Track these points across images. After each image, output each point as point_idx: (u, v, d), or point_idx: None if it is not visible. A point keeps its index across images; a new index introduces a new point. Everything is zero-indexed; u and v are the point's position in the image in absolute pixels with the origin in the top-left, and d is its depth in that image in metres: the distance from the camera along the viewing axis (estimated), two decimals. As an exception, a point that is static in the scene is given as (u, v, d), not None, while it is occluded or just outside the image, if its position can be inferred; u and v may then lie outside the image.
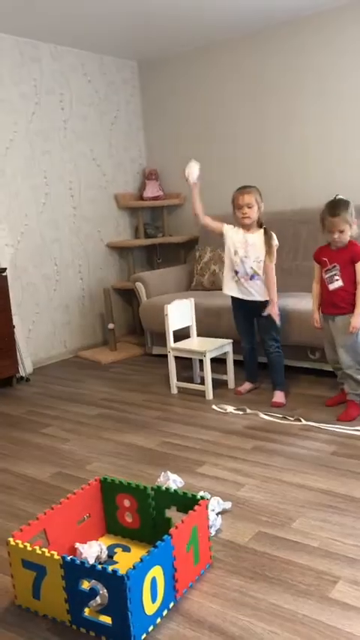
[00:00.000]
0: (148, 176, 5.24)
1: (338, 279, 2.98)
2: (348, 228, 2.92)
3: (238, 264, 3.32)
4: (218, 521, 2.12)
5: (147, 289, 4.53)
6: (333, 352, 3.12)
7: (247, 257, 3.29)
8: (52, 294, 4.72)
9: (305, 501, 2.27)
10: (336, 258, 2.99)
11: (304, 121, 4.44)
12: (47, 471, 2.74)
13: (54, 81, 4.60)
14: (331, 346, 3.12)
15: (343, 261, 2.97)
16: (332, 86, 4.26)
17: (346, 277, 2.97)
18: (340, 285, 2.98)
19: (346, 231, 2.93)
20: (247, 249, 3.29)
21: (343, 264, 2.97)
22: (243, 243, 3.31)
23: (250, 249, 3.29)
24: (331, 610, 1.67)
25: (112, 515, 2.10)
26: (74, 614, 1.67)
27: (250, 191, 3.25)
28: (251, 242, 3.29)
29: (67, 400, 3.76)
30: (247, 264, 3.30)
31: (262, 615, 1.67)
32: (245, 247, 3.30)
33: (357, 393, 3.06)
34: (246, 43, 4.61)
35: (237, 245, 3.32)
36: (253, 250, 3.28)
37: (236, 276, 3.35)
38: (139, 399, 3.67)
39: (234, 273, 3.36)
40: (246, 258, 3.29)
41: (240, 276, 3.34)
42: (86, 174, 4.91)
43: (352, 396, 3.08)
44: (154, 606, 1.65)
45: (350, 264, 2.96)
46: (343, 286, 2.97)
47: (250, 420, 3.16)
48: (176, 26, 4.31)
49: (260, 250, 3.28)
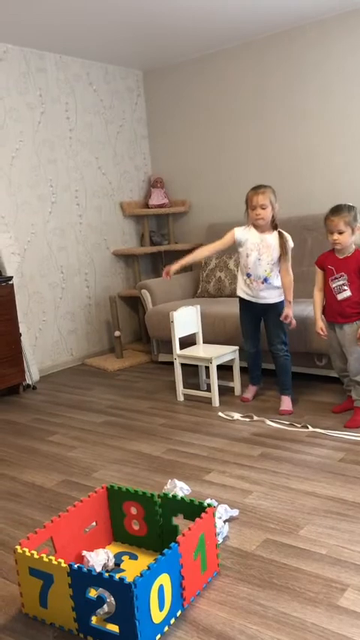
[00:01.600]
0: (153, 184, 5.27)
1: (347, 289, 2.94)
2: (349, 232, 2.87)
3: (251, 266, 3.26)
4: (225, 529, 2.11)
5: (153, 297, 4.53)
6: (340, 360, 3.11)
7: (260, 259, 3.23)
8: (58, 302, 4.73)
9: (313, 508, 2.26)
10: (343, 267, 2.95)
11: (308, 127, 4.45)
12: (54, 479, 2.74)
13: (59, 90, 4.64)
14: (337, 354, 3.10)
15: (350, 270, 2.93)
16: (336, 92, 4.27)
17: (354, 287, 2.94)
18: (348, 294, 2.94)
19: (347, 235, 2.87)
20: (260, 251, 3.22)
21: (351, 274, 2.93)
22: (257, 245, 3.23)
23: (264, 250, 3.22)
24: (339, 618, 1.65)
25: (119, 523, 2.10)
26: (81, 622, 1.66)
27: (265, 191, 3.16)
28: (266, 243, 3.22)
29: (73, 408, 3.76)
30: (260, 266, 3.23)
31: (270, 623, 1.66)
32: (259, 249, 3.22)
33: (364, 400, 3.05)
34: (249, 50, 4.63)
35: (251, 246, 3.24)
36: (267, 252, 3.21)
37: (248, 279, 3.30)
38: (145, 406, 3.67)
39: (246, 276, 3.31)
40: (259, 260, 3.23)
41: (252, 279, 3.28)
42: (92, 183, 4.94)
43: (359, 402, 3.06)
44: (162, 614, 1.64)
45: (356, 273, 2.93)
46: (351, 296, 2.94)
47: (257, 427, 3.15)
48: (180, 35, 4.35)
49: (275, 252, 3.21)
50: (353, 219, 2.87)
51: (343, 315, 2.98)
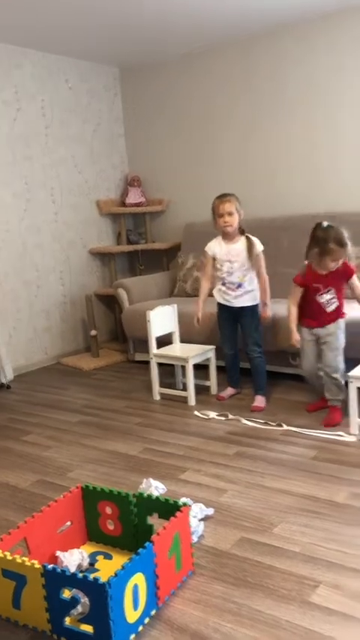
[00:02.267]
0: (130, 182, 5.25)
1: (335, 300, 3.03)
2: (345, 255, 2.94)
3: (225, 275, 3.36)
4: (200, 528, 2.12)
5: (129, 296, 4.52)
6: (314, 361, 3.15)
7: (232, 268, 3.34)
8: (33, 300, 4.69)
9: (287, 506, 2.28)
10: (330, 281, 3.01)
11: (284, 128, 4.48)
12: (28, 479, 2.71)
13: (35, 87, 4.59)
14: (313, 356, 3.14)
15: (337, 282, 3.01)
16: (316, 94, 4.31)
17: (340, 296, 3.04)
18: (337, 305, 3.04)
19: (342, 258, 2.94)
20: (231, 261, 3.33)
21: (337, 286, 3.02)
22: (227, 255, 3.34)
23: (234, 260, 3.33)
24: (312, 614, 1.67)
25: (94, 523, 2.09)
26: (55, 623, 1.65)
27: (230, 199, 3.28)
28: (235, 252, 3.33)
29: (48, 407, 3.73)
30: (234, 274, 3.34)
31: (244, 621, 1.67)
32: (230, 259, 3.33)
33: (339, 399, 3.08)
34: (228, 50, 4.65)
35: (222, 257, 3.36)
36: (237, 260, 3.32)
37: (224, 286, 3.39)
38: (121, 405, 3.66)
39: (222, 284, 3.40)
40: (232, 268, 3.34)
41: (228, 286, 3.37)
42: (68, 181, 4.91)
43: (333, 402, 3.10)
44: (136, 614, 1.64)
45: (343, 283, 3.02)
46: (339, 305, 3.04)
47: (232, 426, 3.17)
48: (158, 34, 4.34)
49: (245, 259, 3.32)
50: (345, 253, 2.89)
51: (332, 319, 3.06)
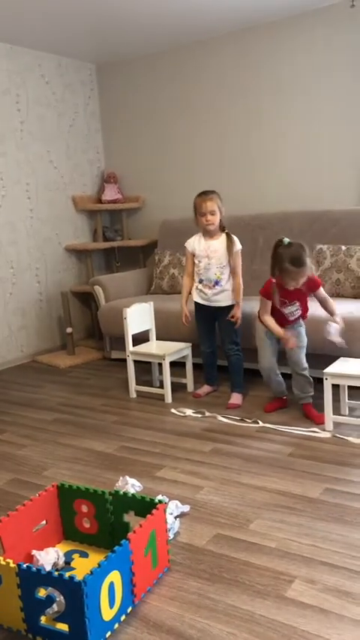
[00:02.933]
0: (107, 179, 5.22)
1: (299, 311, 3.09)
2: (309, 272, 2.93)
3: (202, 272, 3.37)
4: (176, 525, 2.13)
5: (106, 293, 4.50)
6: (273, 359, 3.21)
7: (210, 264, 3.34)
8: (8, 297, 4.64)
9: (263, 503, 2.30)
10: (296, 295, 3.04)
11: (262, 126, 4.51)
12: (3, 478, 2.68)
13: (10, 81, 4.53)
14: (272, 354, 3.20)
15: (302, 295, 3.05)
16: (290, 93, 4.34)
17: (303, 306, 3.10)
18: (299, 314, 3.11)
19: (304, 279, 2.93)
20: (209, 257, 3.34)
21: (302, 299, 3.07)
22: (205, 250, 3.35)
23: (212, 255, 3.33)
24: (287, 609, 1.69)
25: (70, 522, 2.08)
26: (30, 622, 1.64)
27: (212, 197, 3.27)
28: (213, 249, 3.33)
29: (23, 405, 3.70)
30: (210, 270, 3.35)
31: (220, 617, 1.68)
32: (208, 255, 3.34)
33: (310, 395, 3.12)
34: (204, 48, 4.65)
35: (200, 254, 3.37)
36: (215, 256, 3.33)
37: (201, 284, 3.40)
38: (97, 403, 3.65)
39: (199, 281, 3.41)
40: (209, 265, 3.34)
41: (204, 283, 3.38)
42: (43, 176, 4.86)
43: (306, 399, 3.13)
44: (112, 612, 1.64)
45: (308, 294, 3.06)
46: (301, 313, 3.12)
47: (208, 423, 3.18)
48: (135, 30, 4.32)
49: (223, 256, 3.32)
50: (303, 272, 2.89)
51: (293, 322, 3.13)
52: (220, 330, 3.50)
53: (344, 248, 3.84)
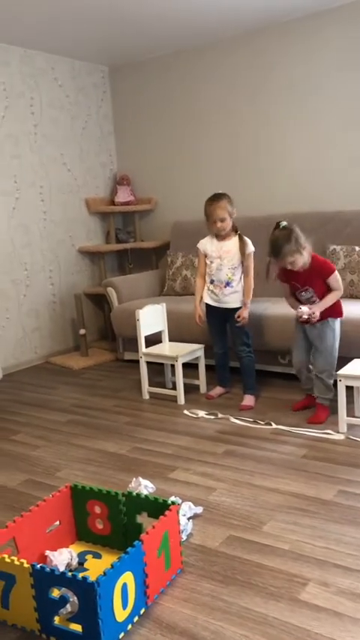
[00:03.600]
0: (119, 181, 5.24)
1: (316, 299, 3.04)
2: (299, 256, 2.92)
3: (214, 272, 3.37)
4: (189, 526, 2.12)
5: (118, 294, 4.51)
6: (303, 355, 3.16)
7: (222, 265, 3.34)
8: (22, 299, 4.67)
9: (276, 505, 2.29)
10: (306, 280, 3.02)
11: (274, 126, 4.49)
12: (17, 479, 2.70)
13: (24, 85, 4.57)
14: (303, 349, 3.16)
15: (314, 282, 3.02)
16: (301, 94, 4.32)
17: (320, 294, 3.03)
18: (317, 301, 3.05)
19: (298, 260, 2.92)
20: (222, 257, 3.34)
21: (316, 285, 3.02)
22: (218, 251, 3.35)
23: (224, 256, 3.33)
24: (301, 612, 1.68)
25: (83, 522, 2.09)
26: (44, 622, 1.65)
27: (221, 204, 3.25)
28: (226, 249, 3.33)
29: (37, 406, 3.72)
30: (222, 271, 3.34)
31: (233, 619, 1.67)
32: (220, 255, 3.34)
33: (327, 398, 3.10)
34: (215, 49, 4.65)
35: (212, 254, 3.37)
36: (227, 258, 3.33)
37: (212, 284, 3.40)
38: (110, 404, 3.66)
39: (211, 282, 3.40)
40: (221, 266, 3.34)
41: (215, 284, 3.38)
42: (57, 179, 4.89)
43: (321, 400, 3.12)
44: (125, 613, 1.64)
45: (321, 281, 3.02)
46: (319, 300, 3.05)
47: (221, 425, 3.17)
48: (147, 32, 4.33)
49: (235, 257, 3.32)
50: (295, 244, 2.88)
51: (319, 318, 3.05)
52: (231, 332, 3.49)
53: (358, 249, 3.82)
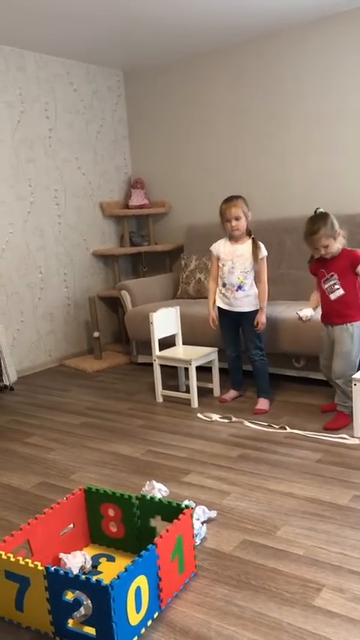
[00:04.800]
0: (133, 185, 5.26)
1: (338, 287, 2.98)
2: (332, 241, 2.92)
3: (226, 275, 3.36)
4: (203, 530, 2.12)
5: (132, 297, 4.52)
6: (328, 358, 3.13)
7: (234, 268, 3.33)
8: (36, 302, 4.70)
9: (290, 509, 2.28)
10: (332, 267, 2.99)
11: (287, 129, 4.48)
12: (31, 481, 2.71)
13: (39, 89, 4.61)
14: (327, 354, 3.12)
15: (340, 269, 2.97)
16: (314, 96, 4.31)
17: (346, 285, 2.97)
18: (341, 293, 2.98)
19: (332, 245, 2.92)
20: (234, 261, 3.33)
21: (341, 272, 2.97)
22: (230, 254, 3.34)
23: (237, 260, 3.32)
24: (315, 618, 1.67)
25: (97, 525, 2.09)
26: (58, 625, 1.65)
27: (237, 203, 3.26)
28: (239, 253, 3.32)
29: (51, 409, 3.73)
30: (234, 274, 3.33)
31: (247, 624, 1.66)
32: (232, 259, 3.33)
33: (346, 405, 3.05)
34: (229, 53, 4.65)
35: (225, 257, 3.36)
36: (240, 261, 3.32)
37: (224, 288, 3.39)
38: (124, 407, 3.66)
39: (222, 285, 3.39)
40: (233, 269, 3.33)
41: (227, 287, 3.37)
42: (71, 183, 4.91)
43: (341, 407, 3.07)
44: (139, 616, 1.64)
45: (350, 271, 2.96)
46: (344, 294, 2.97)
47: (235, 429, 3.16)
48: (161, 37, 4.35)
49: (247, 261, 3.31)
50: (331, 228, 2.91)
51: (340, 315, 3.00)
52: (243, 336, 3.48)
53: (373, 252, 3.79)
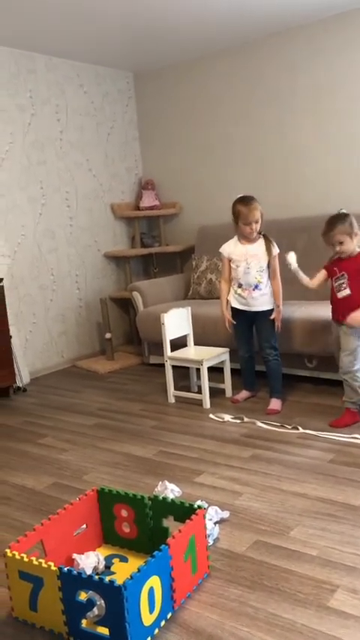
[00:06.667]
0: (144, 186, 5.26)
1: (346, 287, 2.98)
2: (349, 239, 2.92)
3: (241, 276, 3.34)
4: (216, 531, 2.11)
5: (144, 298, 4.53)
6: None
7: (249, 268, 3.32)
8: (48, 304, 4.72)
9: (303, 510, 2.27)
10: (345, 266, 2.99)
11: (298, 129, 4.47)
12: (44, 482, 2.72)
13: (50, 92, 4.63)
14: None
15: (352, 269, 2.97)
16: (327, 95, 4.29)
17: (354, 286, 2.97)
18: (347, 293, 2.98)
19: (347, 242, 2.92)
20: (248, 261, 3.31)
21: (351, 273, 2.97)
22: (244, 255, 3.33)
23: (251, 260, 3.31)
24: (329, 619, 1.66)
25: (110, 526, 2.09)
26: (71, 625, 1.65)
27: (256, 206, 3.24)
28: (252, 253, 3.31)
29: (64, 410, 3.75)
30: (250, 274, 3.32)
31: (261, 625, 1.66)
32: (247, 259, 3.32)
33: (353, 401, 3.05)
34: (239, 53, 4.64)
35: (238, 258, 3.35)
36: (255, 261, 3.31)
37: (240, 288, 3.37)
38: (136, 408, 3.67)
39: (238, 286, 3.38)
40: (249, 269, 3.32)
41: (244, 287, 3.35)
42: (82, 185, 4.93)
43: (348, 403, 3.07)
44: (152, 617, 1.64)
45: (358, 273, 2.97)
46: (351, 295, 2.97)
47: (247, 429, 3.15)
48: (171, 38, 4.35)
49: (262, 259, 3.30)
50: (349, 226, 2.92)
51: (344, 314, 3.00)
52: (258, 335, 3.47)
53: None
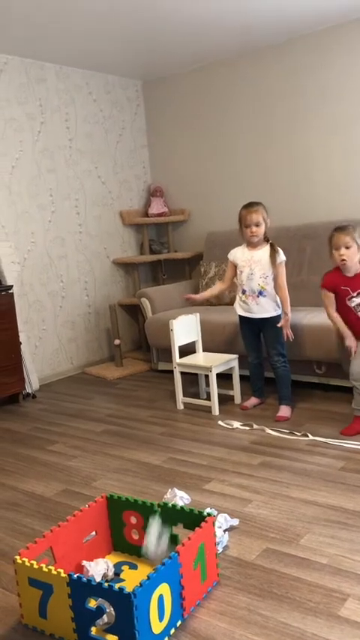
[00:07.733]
0: (153, 193, 5.29)
1: None
2: (356, 247, 2.90)
3: (245, 282, 3.35)
4: (225, 538, 2.11)
5: (152, 305, 4.54)
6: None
7: (252, 274, 3.32)
8: (58, 310, 4.74)
9: (313, 517, 2.25)
10: (358, 284, 2.95)
11: (306, 136, 4.47)
12: (54, 488, 2.73)
13: (59, 100, 4.67)
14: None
15: None
16: (335, 102, 4.30)
17: None
18: None
19: (354, 250, 2.90)
20: (252, 267, 3.32)
21: None
22: (248, 260, 3.33)
23: (255, 266, 3.31)
24: (340, 628, 1.64)
25: (119, 533, 2.09)
26: (81, 633, 1.65)
27: (258, 209, 3.26)
28: (257, 259, 3.31)
29: (73, 417, 3.76)
30: (254, 281, 3.32)
31: (271, 634, 1.65)
32: (250, 265, 3.32)
33: (359, 409, 3.03)
34: (248, 61, 4.66)
35: (242, 264, 3.35)
36: (258, 267, 3.30)
37: (244, 295, 3.37)
38: (145, 415, 3.67)
39: (242, 292, 3.38)
40: (252, 275, 3.32)
41: (248, 294, 3.35)
42: (92, 192, 4.96)
43: (358, 411, 3.05)
44: (162, 625, 1.64)
45: None
46: None
47: (256, 436, 3.15)
48: (179, 46, 4.38)
49: (267, 266, 3.30)
50: (358, 235, 2.92)
51: None
52: (265, 342, 3.46)
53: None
